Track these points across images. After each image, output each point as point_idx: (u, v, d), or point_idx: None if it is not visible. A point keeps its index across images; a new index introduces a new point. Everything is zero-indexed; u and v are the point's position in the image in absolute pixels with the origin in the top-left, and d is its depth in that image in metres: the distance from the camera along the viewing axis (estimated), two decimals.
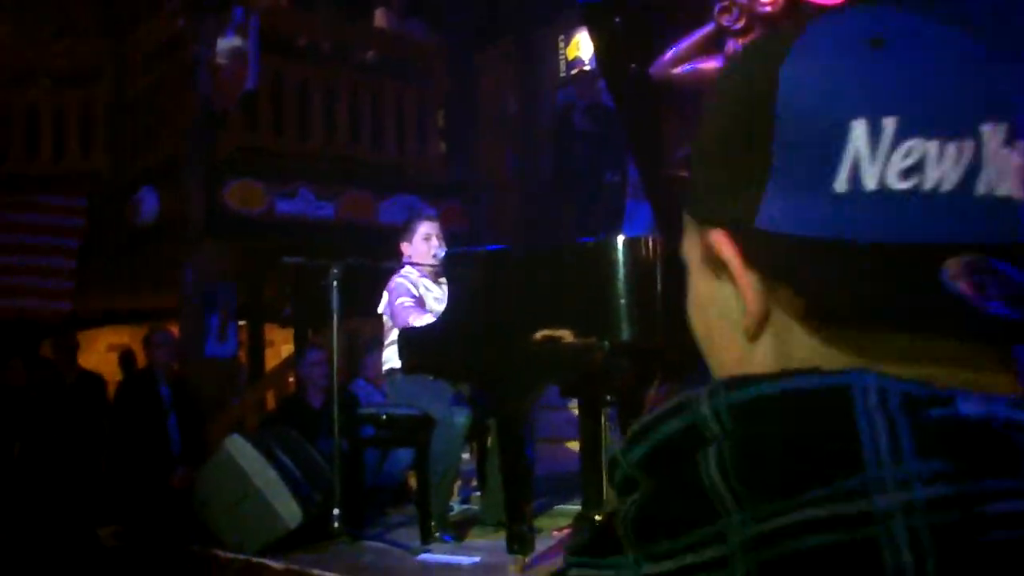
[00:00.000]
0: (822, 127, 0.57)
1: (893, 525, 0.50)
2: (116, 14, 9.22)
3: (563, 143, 9.59)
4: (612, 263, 3.81)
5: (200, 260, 7.66)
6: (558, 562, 4.27)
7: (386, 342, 5.06)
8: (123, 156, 8.58)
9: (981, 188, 0.56)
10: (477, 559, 4.31)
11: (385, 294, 5.07)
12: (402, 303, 4.89)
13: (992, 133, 0.56)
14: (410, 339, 4.38)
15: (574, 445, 5.41)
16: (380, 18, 9.05)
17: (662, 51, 4.01)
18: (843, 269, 0.56)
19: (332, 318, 4.95)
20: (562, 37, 9.76)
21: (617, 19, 4.39)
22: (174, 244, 7.84)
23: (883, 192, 0.56)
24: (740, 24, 3.73)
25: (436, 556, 4.50)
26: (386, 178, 8.65)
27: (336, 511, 4.79)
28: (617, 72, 4.58)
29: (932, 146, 0.55)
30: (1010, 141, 0.56)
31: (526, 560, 4.01)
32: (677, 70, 3.94)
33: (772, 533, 0.52)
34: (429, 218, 5.34)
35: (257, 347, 10.38)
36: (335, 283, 4.89)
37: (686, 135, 4.76)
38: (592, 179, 8.62)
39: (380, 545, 4.80)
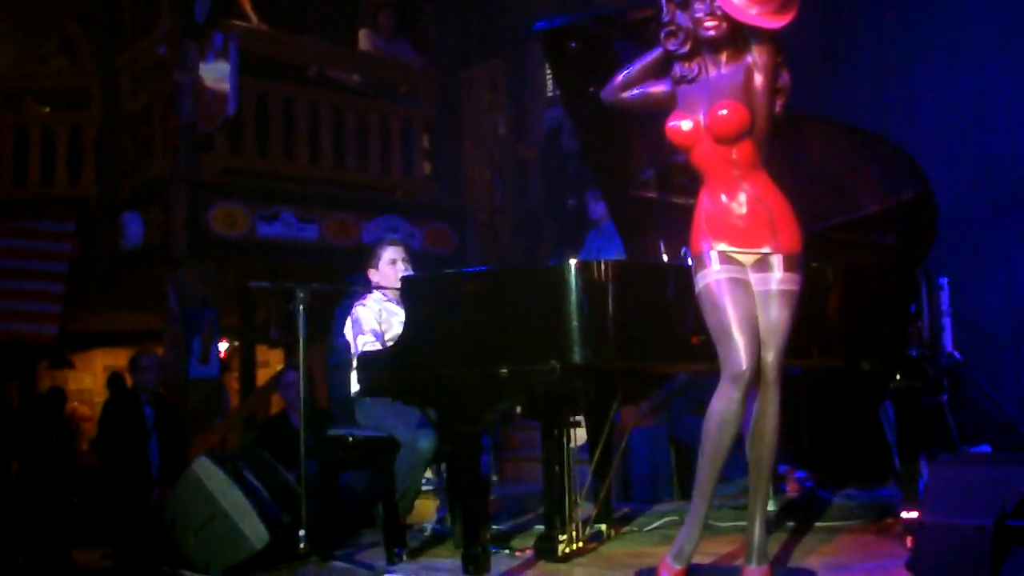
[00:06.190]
0: None
1: None
2: (106, 38, 9.26)
3: (551, 164, 9.62)
4: (563, 286, 3.84)
5: (183, 283, 7.71)
6: None
7: (354, 365, 5.09)
8: (111, 181, 8.64)
9: None
10: None
11: (349, 320, 5.12)
12: (364, 343, 4.95)
13: None
14: (367, 363, 4.42)
15: None
16: (364, 40, 9.10)
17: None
18: None
19: (300, 341, 4.99)
20: None
21: (573, 44, 4.44)
22: (158, 267, 7.90)
23: None
24: (686, 48, 3.78)
25: None
26: (371, 200, 8.70)
27: (302, 532, 4.81)
28: (576, 96, 4.64)
29: None
30: None
31: None
32: (626, 94, 3.97)
33: None
34: (394, 242, 5.38)
35: (249, 367, 10.41)
36: (301, 307, 4.93)
37: (651, 157, 4.82)
38: (580, 200, 8.62)
39: (346, 566, 4.81)
